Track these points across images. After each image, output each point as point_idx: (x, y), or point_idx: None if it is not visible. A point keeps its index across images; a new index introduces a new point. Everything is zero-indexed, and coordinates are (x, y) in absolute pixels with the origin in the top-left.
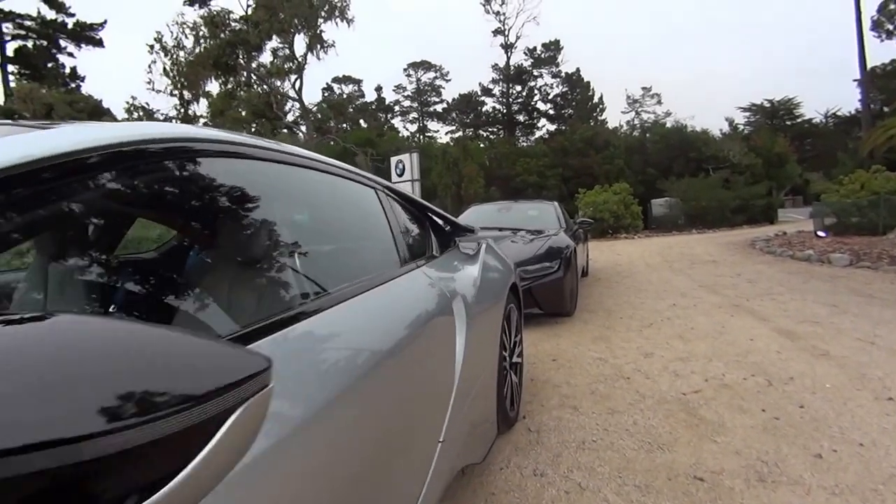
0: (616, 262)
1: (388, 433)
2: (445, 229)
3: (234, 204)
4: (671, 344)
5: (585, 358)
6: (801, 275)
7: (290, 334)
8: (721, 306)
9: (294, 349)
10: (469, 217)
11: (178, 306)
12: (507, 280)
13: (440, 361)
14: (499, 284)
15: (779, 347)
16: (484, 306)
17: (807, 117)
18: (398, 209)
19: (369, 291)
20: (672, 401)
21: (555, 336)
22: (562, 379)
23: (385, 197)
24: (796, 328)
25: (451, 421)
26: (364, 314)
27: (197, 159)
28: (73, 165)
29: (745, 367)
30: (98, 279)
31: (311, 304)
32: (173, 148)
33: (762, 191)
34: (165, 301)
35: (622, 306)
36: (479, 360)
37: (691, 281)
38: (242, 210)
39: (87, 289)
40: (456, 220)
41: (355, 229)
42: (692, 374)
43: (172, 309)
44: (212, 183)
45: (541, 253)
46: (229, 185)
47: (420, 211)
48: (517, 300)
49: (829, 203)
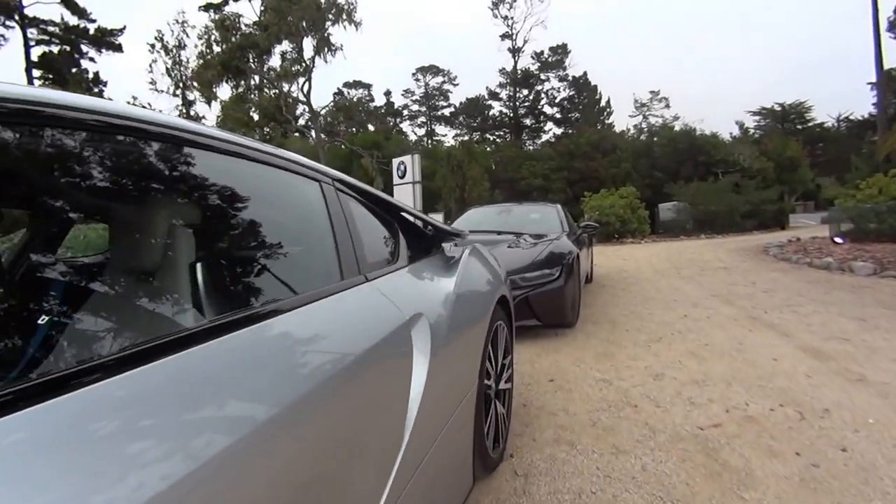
0: (622, 267)
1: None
2: (426, 233)
3: (90, 195)
4: (684, 363)
5: (587, 379)
6: (821, 284)
7: (147, 376)
8: (737, 319)
9: (143, 396)
10: (467, 220)
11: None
12: (494, 293)
13: (383, 406)
14: (482, 299)
15: (807, 369)
16: (459, 327)
17: (818, 121)
18: (355, 209)
19: (275, 318)
20: (688, 437)
21: (554, 351)
22: (559, 405)
23: (333, 193)
24: (824, 346)
25: (398, 481)
26: (260, 349)
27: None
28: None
29: (770, 395)
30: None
31: (193, 331)
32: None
33: (773, 195)
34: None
35: (628, 317)
36: (448, 396)
37: (703, 289)
38: (102, 202)
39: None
40: (439, 223)
41: (276, 232)
42: (710, 402)
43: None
44: (62, 163)
45: (540, 259)
46: (81, 167)
47: (388, 212)
48: (507, 316)
49: (846, 208)
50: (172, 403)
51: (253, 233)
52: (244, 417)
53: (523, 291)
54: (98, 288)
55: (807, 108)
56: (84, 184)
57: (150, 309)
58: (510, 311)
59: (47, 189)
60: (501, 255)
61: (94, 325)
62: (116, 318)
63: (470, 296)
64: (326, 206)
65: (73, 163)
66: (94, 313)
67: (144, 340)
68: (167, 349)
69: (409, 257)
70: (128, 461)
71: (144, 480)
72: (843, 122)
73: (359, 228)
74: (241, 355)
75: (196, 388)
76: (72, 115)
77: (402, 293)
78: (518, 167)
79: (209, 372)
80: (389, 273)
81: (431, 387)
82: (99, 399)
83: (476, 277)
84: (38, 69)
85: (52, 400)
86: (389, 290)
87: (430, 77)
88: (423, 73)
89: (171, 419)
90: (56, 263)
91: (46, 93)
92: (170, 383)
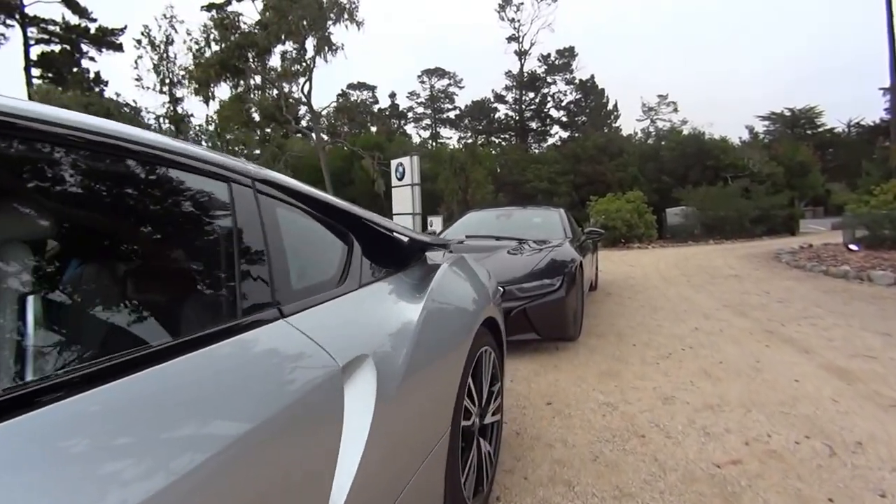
0: (629, 274)
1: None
2: (398, 246)
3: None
4: (696, 384)
5: (589, 402)
6: (839, 294)
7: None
8: (752, 332)
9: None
10: (465, 224)
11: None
12: (479, 314)
13: (291, 490)
14: (460, 323)
15: (833, 392)
16: (424, 364)
17: (828, 126)
18: (285, 217)
19: (126, 378)
20: (703, 478)
21: (553, 368)
22: (557, 434)
23: (250, 196)
24: (849, 365)
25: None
26: (95, 424)
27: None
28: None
29: (795, 424)
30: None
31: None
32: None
33: (783, 201)
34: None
35: (635, 329)
36: (404, 453)
37: (714, 299)
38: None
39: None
40: (416, 232)
41: (152, 252)
42: (727, 432)
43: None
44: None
45: (540, 268)
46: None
47: (340, 220)
48: (496, 338)
49: (860, 214)
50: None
51: (114, 254)
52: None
53: (521, 303)
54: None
55: (817, 114)
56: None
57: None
58: (500, 333)
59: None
60: (498, 262)
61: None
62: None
63: (442, 322)
64: (233, 214)
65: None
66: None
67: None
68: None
69: (367, 277)
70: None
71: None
72: (854, 128)
73: (284, 243)
74: (69, 436)
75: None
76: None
77: (339, 330)
78: (523, 170)
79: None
80: (326, 302)
81: (376, 449)
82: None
83: (453, 298)
84: (38, 68)
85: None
86: (317, 327)
87: (436, 79)
88: (428, 76)
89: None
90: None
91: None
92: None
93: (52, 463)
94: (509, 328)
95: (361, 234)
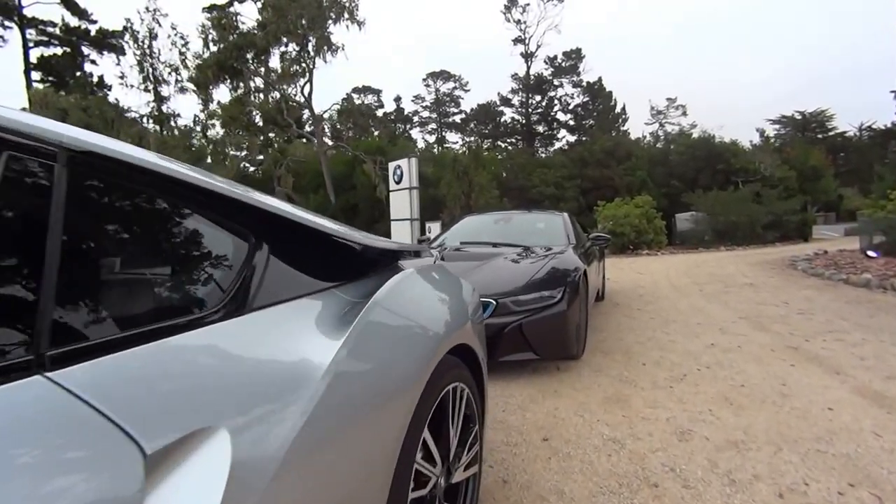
0: (637, 282)
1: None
2: (345, 252)
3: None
4: (716, 413)
5: (592, 437)
6: (862, 305)
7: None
8: (774, 349)
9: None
10: (460, 229)
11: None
12: (440, 341)
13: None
14: (406, 357)
15: (873, 424)
16: (333, 425)
17: (840, 130)
18: (124, 212)
19: None
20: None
21: (552, 394)
22: (552, 481)
23: (55, 177)
24: (887, 389)
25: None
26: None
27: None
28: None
29: (835, 467)
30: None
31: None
32: None
33: (796, 206)
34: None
35: (645, 345)
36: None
37: (729, 310)
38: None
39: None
40: (373, 236)
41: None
42: (755, 479)
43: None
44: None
45: (539, 278)
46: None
47: (238, 218)
48: (473, 371)
49: (877, 219)
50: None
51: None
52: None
53: (516, 318)
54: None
55: (828, 117)
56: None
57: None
58: (480, 365)
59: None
60: (492, 272)
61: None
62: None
63: (378, 355)
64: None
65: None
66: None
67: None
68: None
69: (272, 296)
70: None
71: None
72: (866, 131)
73: (97, 249)
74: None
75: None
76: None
77: (168, 385)
78: (529, 174)
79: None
80: (160, 339)
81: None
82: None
83: (401, 320)
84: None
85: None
86: (117, 383)
87: (441, 83)
88: (433, 79)
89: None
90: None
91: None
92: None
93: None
94: (503, 347)
95: (275, 237)
